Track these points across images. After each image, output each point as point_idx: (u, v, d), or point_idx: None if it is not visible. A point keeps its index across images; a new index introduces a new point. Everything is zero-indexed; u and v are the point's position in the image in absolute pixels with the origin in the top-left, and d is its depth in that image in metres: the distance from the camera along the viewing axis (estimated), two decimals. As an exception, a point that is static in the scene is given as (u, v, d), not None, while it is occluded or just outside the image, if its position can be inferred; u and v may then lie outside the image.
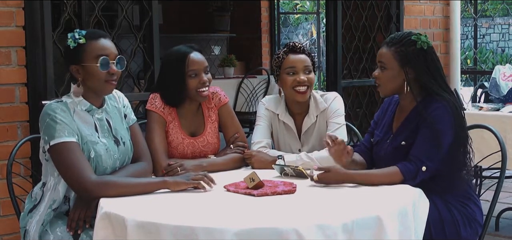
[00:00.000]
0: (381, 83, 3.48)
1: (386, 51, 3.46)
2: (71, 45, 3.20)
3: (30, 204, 3.32)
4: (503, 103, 5.90)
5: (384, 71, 3.46)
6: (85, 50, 3.20)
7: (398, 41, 3.45)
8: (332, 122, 3.88)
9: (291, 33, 20.51)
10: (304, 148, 3.93)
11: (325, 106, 3.92)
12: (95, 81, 3.22)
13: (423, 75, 3.41)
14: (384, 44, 3.51)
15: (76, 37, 3.20)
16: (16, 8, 4.37)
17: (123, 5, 4.92)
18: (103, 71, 3.20)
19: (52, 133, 3.10)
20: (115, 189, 3.09)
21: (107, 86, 3.25)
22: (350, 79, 6.86)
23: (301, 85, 3.82)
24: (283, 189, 3.10)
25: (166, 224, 2.61)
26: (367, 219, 2.68)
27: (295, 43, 3.94)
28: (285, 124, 3.97)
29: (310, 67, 3.87)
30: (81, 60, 3.20)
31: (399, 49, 3.43)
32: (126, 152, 3.37)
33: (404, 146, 3.40)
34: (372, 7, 7.00)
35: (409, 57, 3.41)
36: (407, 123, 3.46)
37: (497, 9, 18.61)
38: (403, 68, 3.42)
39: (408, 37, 3.46)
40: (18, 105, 4.42)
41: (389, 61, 3.44)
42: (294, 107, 3.96)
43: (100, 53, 3.20)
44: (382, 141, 3.57)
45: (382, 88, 3.50)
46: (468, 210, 3.45)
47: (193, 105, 3.81)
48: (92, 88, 3.25)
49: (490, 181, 4.08)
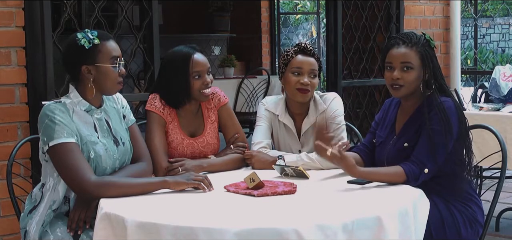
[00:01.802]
0: (405, 84, 3.42)
1: (409, 51, 3.42)
2: (86, 45, 3.20)
3: (30, 205, 3.31)
4: (503, 103, 5.89)
5: (410, 72, 3.41)
6: (100, 50, 3.21)
7: (416, 42, 3.43)
8: (331, 123, 3.87)
9: (291, 33, 20.51)
10: (304, 149, 3.92)
11: (324, 107, 3.91)
12: (108, 81, 3.24)
13: (435, 72, 3.42)
14: (399, 44, 3.45)
15: (91, 37, 3.21)
16: (16, 8, 4.37)
17: (123, 5, 4.92)
18: (117, 72, 3.24)
19: (51, 134, 3.10)
20: (115, 190, 3.08)
21: (117, 87, 3.30)
22: (350, 79, 6.85)
23: (304, 87, 3.83)
24: (283, 189, 3.09)
25: (166, 225, 2.60)
26: (367, 219, 2.67)
27: (307, 45, 3.92)
28: (285, 125, 3.97)
29: (316, 71, 3.86)
30: (95, 61, 3.21)
31: (420, 49, 3.41)
32: (126, 153, 3.37)
33: (407, 148, 3.39)
34: (372, 7, 7.00)
35: (430, 56, 3.42)
36: (410, 124, 3.46)
37: (497, 9, 18.58)
38: (423, 68, 3.41)
39: (422, 37, 3.46)
40: (18, 106, 4.42)
41: (415, 61, 3.40)
42: (294, 107, 3.96)
43: (115, 55, 3.24)
44: (385, 143, 3.56)
45: (404, 89, 3.43)
46: (469, 210, 3.45)
47: (193, 105, 3.81)
48: (104, 89, 3.27)
49: (490, 181, 4.07)
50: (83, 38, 3.20)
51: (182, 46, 3.76)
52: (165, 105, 3.75)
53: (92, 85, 3.24)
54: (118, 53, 3.27)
